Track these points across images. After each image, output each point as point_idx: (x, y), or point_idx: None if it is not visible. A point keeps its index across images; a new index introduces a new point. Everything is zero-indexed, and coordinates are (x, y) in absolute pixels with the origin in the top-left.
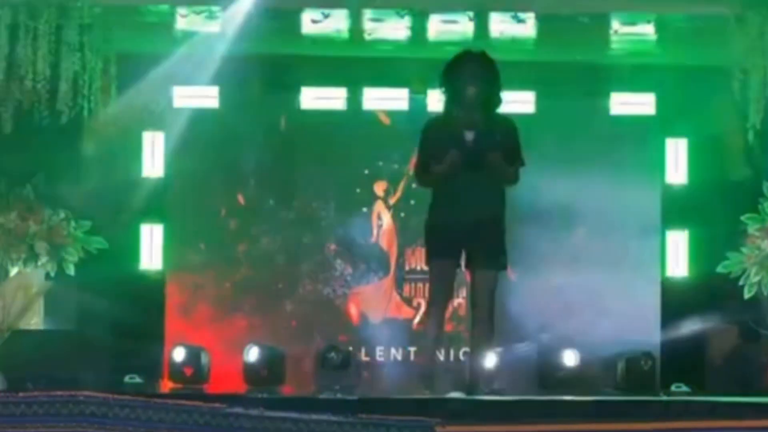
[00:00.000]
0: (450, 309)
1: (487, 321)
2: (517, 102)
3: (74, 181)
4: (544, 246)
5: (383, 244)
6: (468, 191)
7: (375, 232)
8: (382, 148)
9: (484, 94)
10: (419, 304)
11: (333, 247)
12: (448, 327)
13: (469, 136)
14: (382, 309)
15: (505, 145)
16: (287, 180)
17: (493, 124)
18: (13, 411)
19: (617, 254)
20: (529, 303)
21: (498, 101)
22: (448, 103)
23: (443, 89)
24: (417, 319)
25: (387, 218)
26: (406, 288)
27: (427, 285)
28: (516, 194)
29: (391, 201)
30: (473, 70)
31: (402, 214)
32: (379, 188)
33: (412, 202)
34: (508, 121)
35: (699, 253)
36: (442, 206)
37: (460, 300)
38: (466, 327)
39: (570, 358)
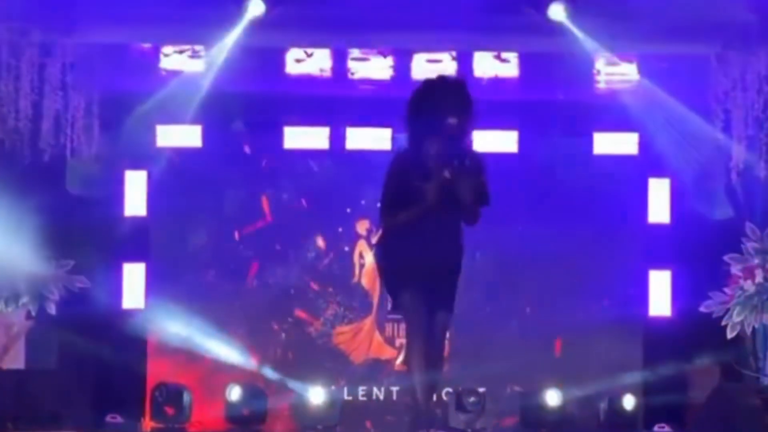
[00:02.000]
0: None
1: (439, 360)
2: (499, 141)
3: (56, 219)
4: (526, 284)
5: (365, 283)
6: (435, 229)
7: (357, 271)
8: (364, 186)
9: (462, 126)
10: (401, 345)
11: (315, 286)
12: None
13: (447, 173)
14: (363, 349)
15: (477, 182)
16: (269, 219)
17: (468, 160)
18: None
19: (599, 293)
20: (512, 342)
21: (472, 131)
22: (419, 135)
23: (412, 118)
24: (399, 360)
25: (369, 257)
26: (388, 328)
27: None
28: (500, 233)
29: (374, 240)
30: (452, 100)
31: None
32: (361, 227)
33: None
34: (479, 156)
35: (682, 292)
36: (405, 241)
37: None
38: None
39: (552, 398)
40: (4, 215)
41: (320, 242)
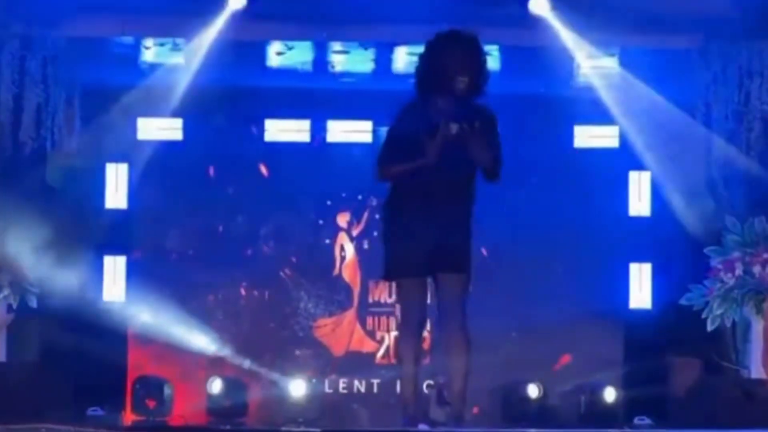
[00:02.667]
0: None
1: (461, 329)
2: None
3: (37, 213)
4: (505, 277)
5: (346, 276)
6: (440, 190)
7: (338, 264)
8: (344, 179)
9: (473, 84)
10: (383, 338)
11: (295, 278)
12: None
13: (454, 128)
14: (344, 342)
15: (488, 138)
16: (250, 212)
17: (476, 115)
18: None
19: (580, 286)
20: (492, 335)
21: (484, 90)
22: (429, 89)
23: (423, 71)
24: (380, 353)
25: (350, 250)
26: (369, 321)
27: (391, 318)
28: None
29: (354, 232)
30: (465, 57)
31: (365, 246)
32: (342, 219)
33: (376, 233)
34: (489, 111)
35: (662, 285)
36: (410, 209)
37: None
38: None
39: (533, 391)
40: None
41: (301, 235)
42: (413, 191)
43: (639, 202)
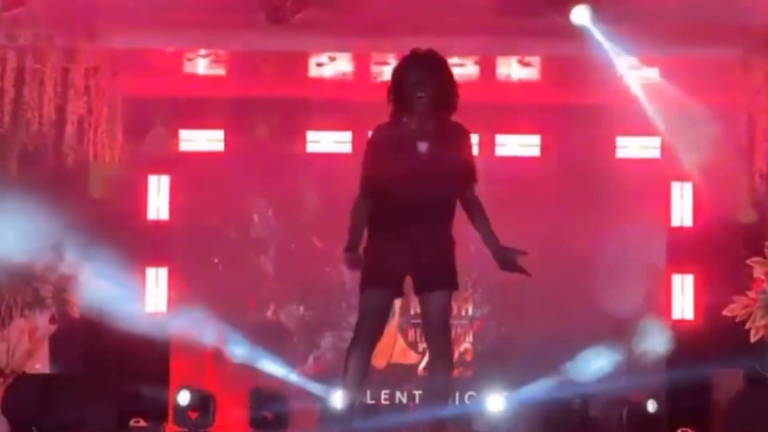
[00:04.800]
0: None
1: (444, 345)
2: (522, 145)
3: (79, 223)
4: (550, 289)
5: None
6: (416, 208)
7: None
8: None
9: (435, 99)
10: (425, 349)
11: (339, 290)
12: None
13: (422, 146)
14: (386, 354)
15: (459, 156)
16: (292, 224)
17: (446, 132)
18: None
19: (623, 297)
20: (537, 346)
21: (450, 106)
22: (398, 110)
23: (392, 94)
24: (422, 365)
25: None
26: (410, 332)
27: None
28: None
29: None
30: (422, 74)
31: None
32: None
33: None
34: (460, 128)
35: (704, 296)
36: (386, 226)
37: (466, 345)
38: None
39: (575, 402)
40: (28, 220)
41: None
42: (391, 208)
43: (681, 212)
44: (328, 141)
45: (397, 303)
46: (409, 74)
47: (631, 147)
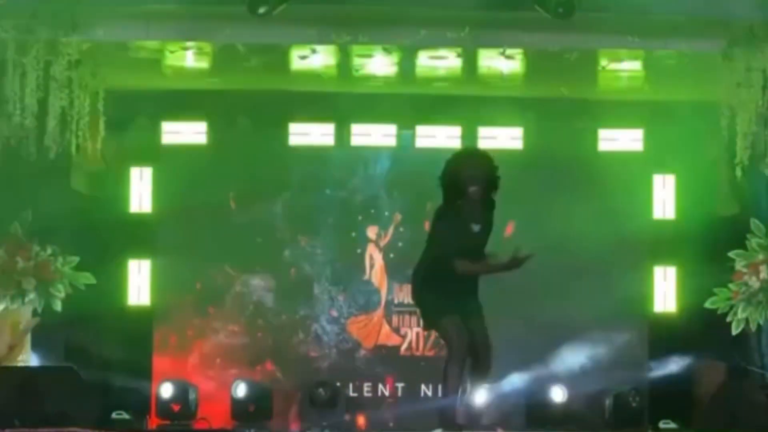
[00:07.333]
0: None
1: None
2: (504, 138)
3: (62, 217)
4: (531, 282)
5: (375, 281)
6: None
7: (368, 270)
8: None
9: (488, 193)
10: (406, 333)
11: (329, 283)
12: (430, 352)
13: (476, 228)
14: (374, 336)
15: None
16: (282, 218)
17: (491, 217)
18: None
19: (605, 290)
20: (519, 338)
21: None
22: (454, 197)
23: (446, 182)
24: (404, 346)
25: (378, 258)
26: (395, 319)
27: (414, 317)
28: (503, 229)
29: (382, 243)
30: (478, 173)
31: (391, 255)
32: (371, 232)
33: (400, 244)
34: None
35: (686, 288)
36: (447, 279)
37: None
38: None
39: (558, 394)
40: (10, 213)
41: (336, 245)
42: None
43: (663, 205)
44: (314, 133)
45: (382, 294)
46: (467, 170)
47: (613, 139)
